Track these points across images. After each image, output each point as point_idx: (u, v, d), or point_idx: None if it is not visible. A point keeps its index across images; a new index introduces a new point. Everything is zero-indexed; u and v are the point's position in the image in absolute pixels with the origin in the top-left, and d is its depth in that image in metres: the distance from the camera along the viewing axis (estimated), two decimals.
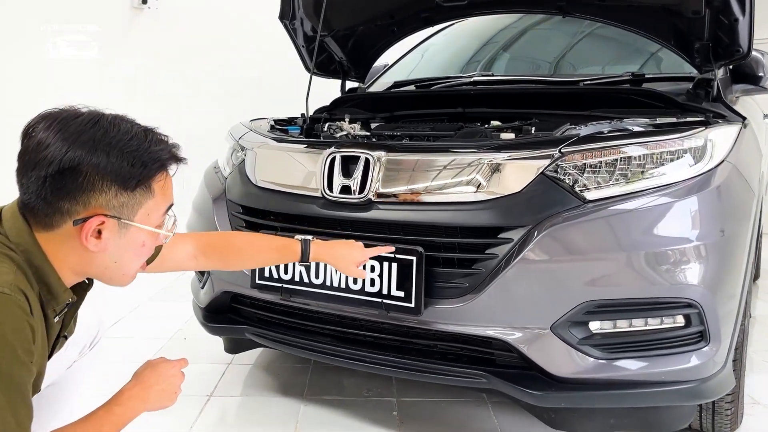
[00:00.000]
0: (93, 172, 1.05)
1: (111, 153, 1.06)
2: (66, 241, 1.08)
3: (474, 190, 1.67)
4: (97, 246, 1.09)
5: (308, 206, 1.83)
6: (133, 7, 4.57)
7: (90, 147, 1.05)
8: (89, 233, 1.07)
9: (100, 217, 1.07)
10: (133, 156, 1.08)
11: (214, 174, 2.31)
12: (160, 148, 1.12)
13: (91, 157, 1.04)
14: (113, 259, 1.12)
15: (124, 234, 1.11)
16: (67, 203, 1.06)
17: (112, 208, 1.08)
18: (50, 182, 1.04)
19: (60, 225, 1.07)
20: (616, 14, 2.34)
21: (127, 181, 1.08)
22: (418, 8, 2.66)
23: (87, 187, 1.05)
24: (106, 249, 1.10)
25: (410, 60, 3.33)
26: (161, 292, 3.79)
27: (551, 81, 2.48)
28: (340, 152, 1.81)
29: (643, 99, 2.18)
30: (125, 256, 1.14)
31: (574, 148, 1.66)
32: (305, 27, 2.75)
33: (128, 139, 1.08)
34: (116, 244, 1.11)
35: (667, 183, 1.65)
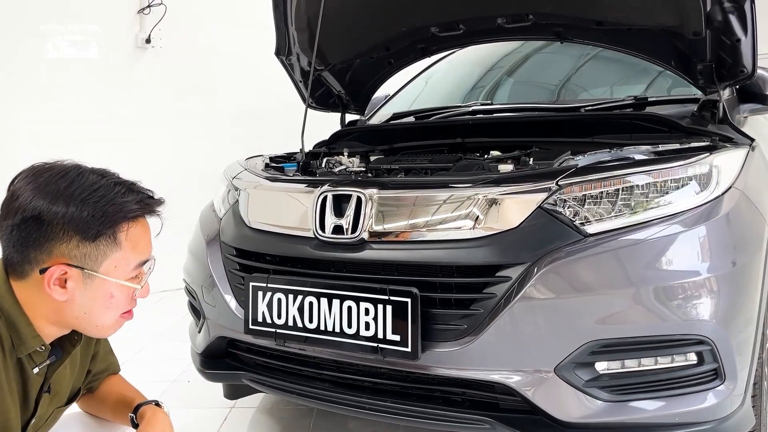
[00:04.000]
0: (54, 221, 1.06)
1: (71, 203, 1.07)
2: (37, 291, 1.10)
3: (469, 226, 1.61)
4: (63, 295, 1.09)
5: (301, 248, 1.78)
6: (137, 47, 4.61)
7: (53, 197, 1.07)
8: (51, 281, 1.08)
9: (62, 266, 1.08)
10: (94, 207, 1.08)
11: (210, 215, 2.27)
12: (125, 200, 1.12)
13: (51, 206, 1.06)
14: (82, 310, 1.12)
15: (90, 284, 1.11)
16: (33, 252, 1.08)
17: (74, 258, 1.09)
18: (17, 231, 1.07)
19: (29, 274, 1.09)
20: (614, 38, 2.29)
21: (87, 231, 1.08)
22: (413, 39, 2.63)
23: (50, 236, 1.07)
24: (73, 299, 1.10)
25: (413, 89, 3.30)
26: (165, 332, 3.75)
27: (552, 108, 2.42)
28: (332, 191, 1.76)
29: (645, 124, 2.12)
30: (94, 308, 1.12)
31: (573, 180, 1.59)
32: (302, 62, 2.73)
33: (93, 190, 1.09)
34: (82, 294, 1.10)
35: (671, 213, 1.58)
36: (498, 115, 2.45)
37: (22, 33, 4.08)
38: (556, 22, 2.32)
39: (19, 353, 1.11)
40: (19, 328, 1.10)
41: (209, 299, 2.00)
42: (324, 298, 1.67)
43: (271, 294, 1.75)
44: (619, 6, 2.16)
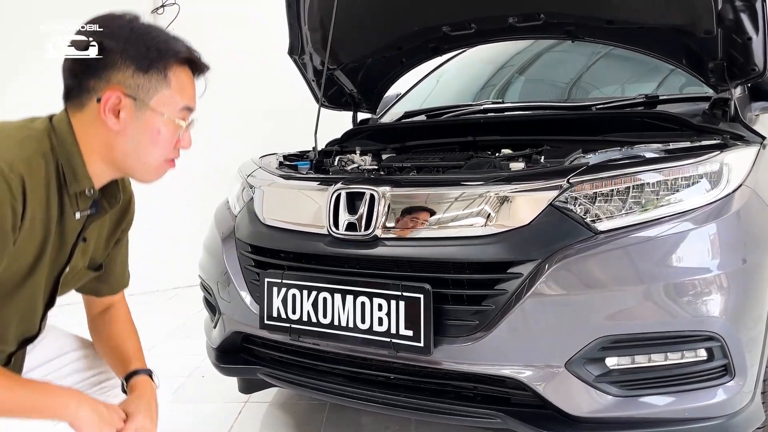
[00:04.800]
0: (114, 49, 1.15)
1: (131, 36, 1.17)
2: (93, 122, 1.17)
3: (481, 223, 1.63)
4: (116, 124, 1.17)
5: (315, 244, 1.81)
6: None
7: (115, 30, 1.17)
8: (107, 107, 1.15)
9: (118, 93, 1.15)
10: (151, 41, 1.17)
11: (225, 212, 2.30)
12: (177, 42, 1.22)
13: (114, 38, 1.16)
14: (132, 144, 1.19)
15: (140, 117, 1.18)
16: (92, 80, 1.16)
17: (128, 87, 1.16)
18: (77, 62, 1.17)
19: (86, 104, 1.17)
20: (625, 37, 2.31)
21: (142, 61, 1.16)
22: (425, 38, 2.65)
23: (108, 64, 1.15)
24: (125, 131, 1.18)
25: (424, 87, 3.32)
26: (178, 328, 3.80)
27: (563, 107, 2.44)
28: (345, 189, 1.79)
29: (656, 122, 2.13)
30: (143, 142, 1.20)
31: (584, 178, 1.61)
32: (314, 61, 2.76)
33: (151, 30, 1.20)
34: (133, 126, 1.18)
35: (681, 211, 1.59)
36: (509, 113, 2.46)
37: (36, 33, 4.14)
38: (566, 21, 2.34)
39: (71, 189, 1.18)
40: (75, 166, 1.18)
41: (224, 295, 2.03)
42: (338, 293, 1.70)
43: (285, 290, 1.79)
44: (630, 5, 2.17)
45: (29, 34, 4.09)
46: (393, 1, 2.52)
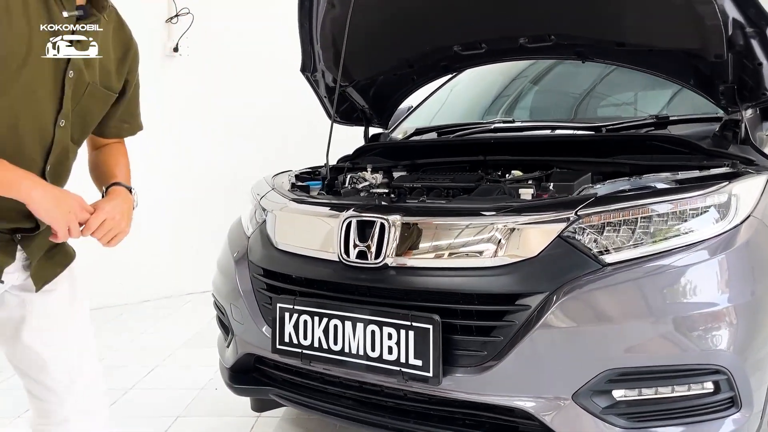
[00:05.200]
0: None
1: None
2: None
3: (490, 255, 1.65)
4: None
5: (327, 271, 1.84)
6: (165, 55, 4.71)
7: None
8: None
9: None
10: None
11: (238, 232, 2.34)
12: None
13: None
14: None
15: None
16: None
17: None
18: None
19: None
20: (636, 58, 2.31)
21: None
22: (436, 57, 2.67)
23: None
24: None
25: (435, 100, 3.33)
26: (192, 337, 3.85)
27: (573, 126, 2.45)
28: (356, 217, 1.81)
29: (666, 145, 2.14)
30: None
31: (591, 210, 1.63)
32: (326, 78, 2.79)
33: None
34: None
35: (689, 243, 1.61)
36: (519, 134, 2.47)
37: None
38: (577, 43, 2.35)
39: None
40: None
41: (238, 317, 2.07)
42: (348, 321, 1.73)
43: (297, 315, 1.82)
44: (640, 28, 2.18)
45: None
46: (404, 22, 2.53)
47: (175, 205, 4.89)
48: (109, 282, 4.46)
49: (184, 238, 4.94)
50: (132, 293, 4.72)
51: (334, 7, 2.50)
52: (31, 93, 1.28)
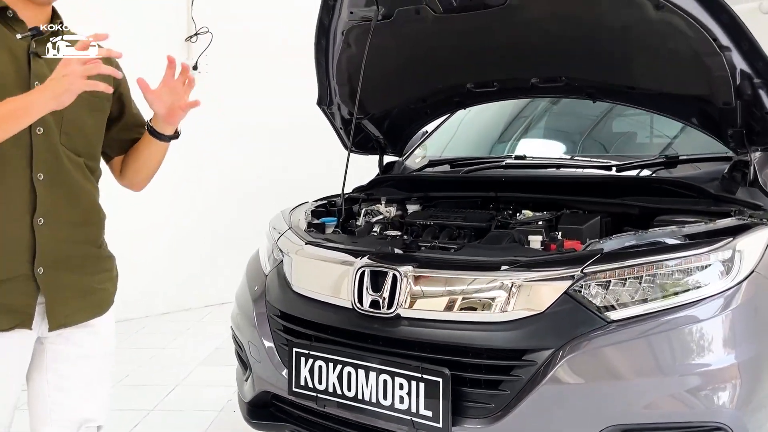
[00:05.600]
0: None
1: None
2: None
3: (498, 309, 1.71)
4: None
5: (341, 318, 1.91)
6: None
7: None
8: None
9: None
10: None
11: (256, 269, 2.42)
12: None
13: None
14: None
15: None
16: None
17: None
18: None
19: None
20: (646, 100, 2.34)
21: None
22: (449, 93, 2.72)
23: None
24: None
25: (448, 127, 3.38)
26: (211, 354, 3.95)
27: (583, 165, 2.49)
28: (369, 267, 1.88)
29: (674, 188, 2.18)
30: None
31: (597, 268, 1.68)
32: (342, 111, 2.85)
33: None
34: None
35: (694, 300, 1.65)
36: (529, 171, 2.52)
37: None
38: (588, 84, 2.39)
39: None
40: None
41: (255, 355, 2.15)
42: (362, 369, 1.80)
43: (313, 361, 1.89)
44: (650, 74, 2.21)
45: None
46: (419, 62, 2.59)
47: (195, 218, 5.00)
48: (133, 294, 4.58)
49: (203, 251, 5.05)
50: (154, 305, 4.84)
51: (350, 47, 2.56)
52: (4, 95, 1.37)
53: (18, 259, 1.44)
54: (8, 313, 1.44)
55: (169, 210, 4.85)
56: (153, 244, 4.79)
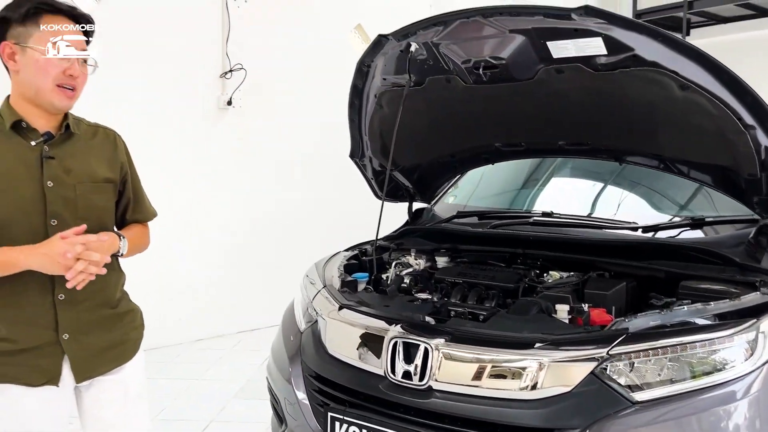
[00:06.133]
0: (7, 15, 1.63)
1: (14, 4, 1.64)
2: (13, 78, 1.66)
3: (526, 386, 1.78)
4: (16, 65, 1.64)
5: (375, 385, 1.99)
6: (219, 108, 4.96)
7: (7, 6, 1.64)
8: (7, 57, 1.64)
9: (9, 44, 1.63)
10: (16, 3, 1.63)
11: (291, 322, 2.52)
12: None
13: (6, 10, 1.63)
14: (27, 76, 1.64)
15: (25, 54, 1.63)
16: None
17: (14, 37, 1.63)
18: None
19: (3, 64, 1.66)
20: (672, 166, 2.39)
21: (20, 17, 1.62)
22: (478, 151, 2.80)
23: (4, 28, 1.63)
24: (20, 68, 1.64)
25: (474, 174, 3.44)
26: (244, 386, 4.06)
27: (609, 225, 2.54)
28: (402, 338, 1.96)
29: (701, 255, 2.22)
30: (31, 71, 1.64)
31: (623, 349, 1.74)
32: (374, 164, 2.95)
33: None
34: (23, 62, 1.63)
35: (719, 382, 1.70)
36: (556, 231, 2.57)
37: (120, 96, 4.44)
38: (614, 149, 2.45)
39: (6, 126, 1.65)
40: (4, 112, 1.67)
41: (291, 412, 2.24)
42: None
43: (347, 426, 1.98)
44: (676, 144, 2.27)
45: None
46: (448, 122, 2.68)
47: (227, 247, 5.14)
48: (167, 322, 4.74)
49: (235, 279, 5.18)
50: (187, 332, 4.98)
51: (382, 108, 2.66)
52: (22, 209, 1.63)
53: (45, 329, 1.68)
54: (39, 372, 1.68)
55: (202, 239, 5.00)
56: (186, 272, 4.94)
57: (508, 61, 2.19)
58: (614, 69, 2.05)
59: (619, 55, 1.99)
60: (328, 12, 5.52)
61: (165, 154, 4.70)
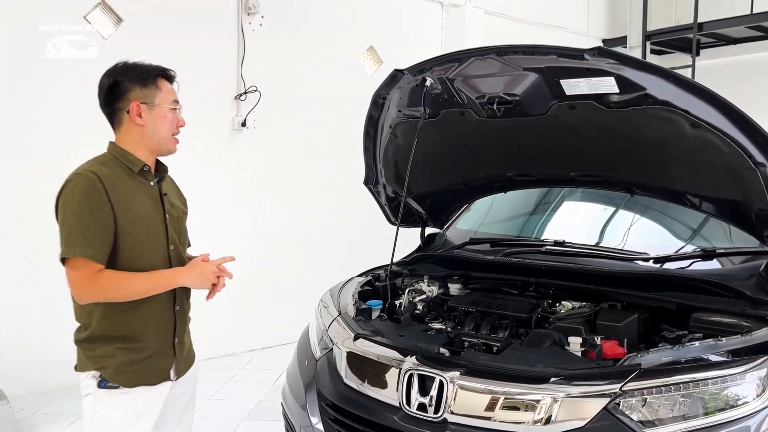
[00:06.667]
0: (125, 81, 1.92)
1: (130, 71, 1.94)
2: (128, 130, 1.95)
3: (539, 420, 1.81)
4: (142, 121, 1.93)
5: (390, 417, 2.02)
6: (234, 129, 5.03)
7: (119, 72, 1.94)
8: (135, 114, 1.92)
9: (137, 103, 1.92)
10: (142, 69, 1.96)
11: (306, 348, 2.56)
12: (157, 65, 2.00)
13: (121, 76, 1.93)
14: (153, 129, 1.96)
15: (153, 111, 1.94)
16: (119, 103, 1.93)
17: (141, 98, 1.93)
18: (106, 98, 1.95)
19: (121, 119, 1.95)
20: (683, 198, 2.43)
21: (143, 81, 1.93)
22: (491, 179, 2.85)
23: (124, 90, 1.92)
24: (147, 122, 1.94)
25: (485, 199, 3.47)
26: (257, 406, 4.10)
27: (621, 256, 2.57)
28: (416, 371, 2.00)
29: (712, 288, 2.25)
30: (158, 124, 1.96)
31: (636, 385, 1.77)
32: (387, 191, 3.01)
33: (138, 64, 1.97)
34: (150, 118, 1.94)
35: (731, 419, 1.73)
36: (567, 264, 2.59)
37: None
38: (625, 181, 2.49)
39: (135, 170, 1.95)
40: (129, 158, 1.95)
41: None
42: None
43: None
44: (686, 179, 2.31)
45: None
46: (462, 152, 2.73)
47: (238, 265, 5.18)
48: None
49: (246, 298, 5.22)
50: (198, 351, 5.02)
51: (397, 138, 2.71)
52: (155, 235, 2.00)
53: (167, 335, 2.02)
54: (158, 373, 1.99)
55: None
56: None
57: (521, 97, 2.24)
58: (626, 106, 2.09)
59: (631, 94, 2.04)
60: (341, 34, 5.60)
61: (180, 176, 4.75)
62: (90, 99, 2.01)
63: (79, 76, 3.81)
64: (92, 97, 1.98)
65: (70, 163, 1.95)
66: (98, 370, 1.90)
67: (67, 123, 4.14)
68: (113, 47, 4.29)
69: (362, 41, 5.85)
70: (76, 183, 1.84)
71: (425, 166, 2.78)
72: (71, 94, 4.03)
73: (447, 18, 6.28)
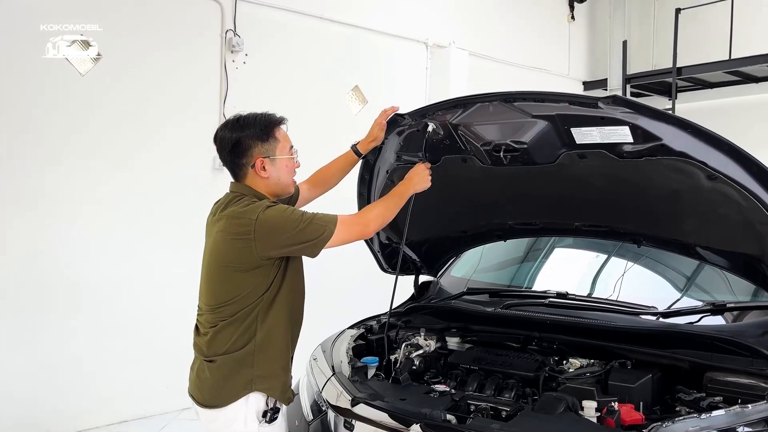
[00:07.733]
0: (247, 138, 2.04)
1: (249, 127, 2.05)
2: (253, 180, 2.10)
3: None
4: (266, 173, 2.08)
5: None
6: (213, 169, 4.87)
7: (239, 128, 2.05)
8: (260, 169, 2.07)
9: (260, 159, 2.06)
10: (260, 123, 2.06)
11: (298, 410, 2.38)
12: (270, 116, 2.10)
13: (242, 133, 2.04)
14: (276, 178, 2.11)
15: (275, 163, 2.09)
16: (244, 159, 2.06)
17: (263, 153, 2.07)
18: (230, 155, 2.07)
19: (246, 173, 2.09)
20: (693, 251, 2.34)
21: (262, 136, 2.06)
22: (490, 228, 2.74)
23: (247, 147, 2.05)
24: (270, 174, 2.09)
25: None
26: None
27: (628, 310, 2.46)
28: None
29: (727, 346, 2.15)
30: (281, 174, 2.12)
31: None
32: (381, 237, 2.87)
33: (254, 117, 2.08)
34: (273, 170, 2.09)
35: None
36: (573, 320, 2.47)
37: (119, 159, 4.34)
38: (633, 233, 2.39)
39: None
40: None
41: None
42: None
43: None
44: (699, 232, 2.22)
45: None
46: (462, 199, 2.62)
47: None
48: (154, 389, 4.53)
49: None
50: (175, 401, 4.76)
51: (393, 183, 2.59)
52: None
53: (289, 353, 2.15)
54: (288, 390, 2.14)
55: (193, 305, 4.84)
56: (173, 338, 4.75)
57: (529, 146, 2.14)
58: (640, 157, 2.01)
59: (646, 144, 1.95)
60: (325, 74, 5.53)
61: (158, 216, 4.60)
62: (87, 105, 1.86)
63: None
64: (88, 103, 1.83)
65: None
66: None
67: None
68: (91, 84, 4.18)
69: (347, 81, 5.78)
70: (267, 206, 1.98)
71: (423, 212, 2.65)
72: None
73: (431, 59, 6.26)
